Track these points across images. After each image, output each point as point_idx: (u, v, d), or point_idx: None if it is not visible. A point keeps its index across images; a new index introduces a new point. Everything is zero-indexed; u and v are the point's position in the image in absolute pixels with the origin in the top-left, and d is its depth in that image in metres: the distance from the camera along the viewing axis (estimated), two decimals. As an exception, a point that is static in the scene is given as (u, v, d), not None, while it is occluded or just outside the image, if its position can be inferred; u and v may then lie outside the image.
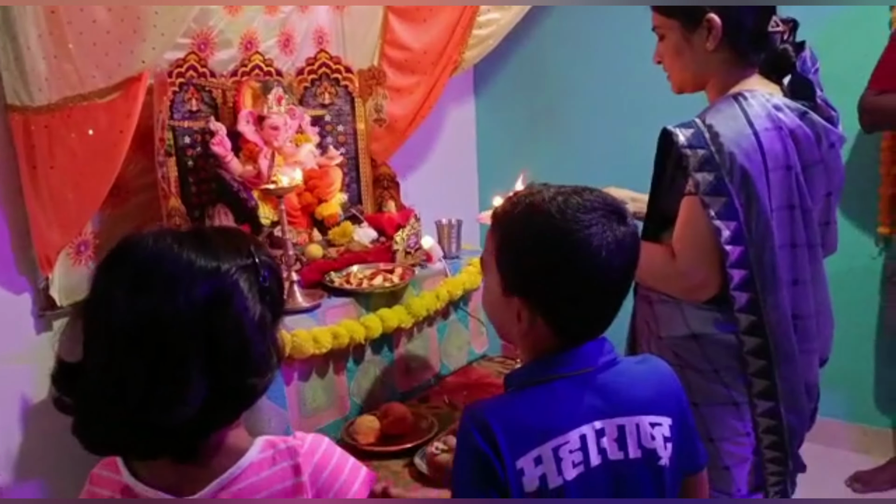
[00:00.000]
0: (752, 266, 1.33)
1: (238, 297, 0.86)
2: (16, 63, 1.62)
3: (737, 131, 1.32)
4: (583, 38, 2.79)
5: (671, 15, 1.43)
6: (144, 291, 0.83)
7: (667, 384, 1.12)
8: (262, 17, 2.16)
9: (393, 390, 2.02)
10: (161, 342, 0.82)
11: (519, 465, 0.98)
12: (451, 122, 2.94)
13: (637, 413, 1.05)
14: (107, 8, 1.63)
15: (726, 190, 1.30)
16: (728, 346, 1.40)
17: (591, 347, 1.06)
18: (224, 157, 1.96)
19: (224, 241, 0.90)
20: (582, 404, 1.03)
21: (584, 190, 1.05)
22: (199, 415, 0.84)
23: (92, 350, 0.85)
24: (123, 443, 0.87)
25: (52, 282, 1.83)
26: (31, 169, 1.70)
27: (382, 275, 2.00)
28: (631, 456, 1.04)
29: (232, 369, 0.86)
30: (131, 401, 0.82)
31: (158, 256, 0.85)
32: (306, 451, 0.96)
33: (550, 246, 1.00)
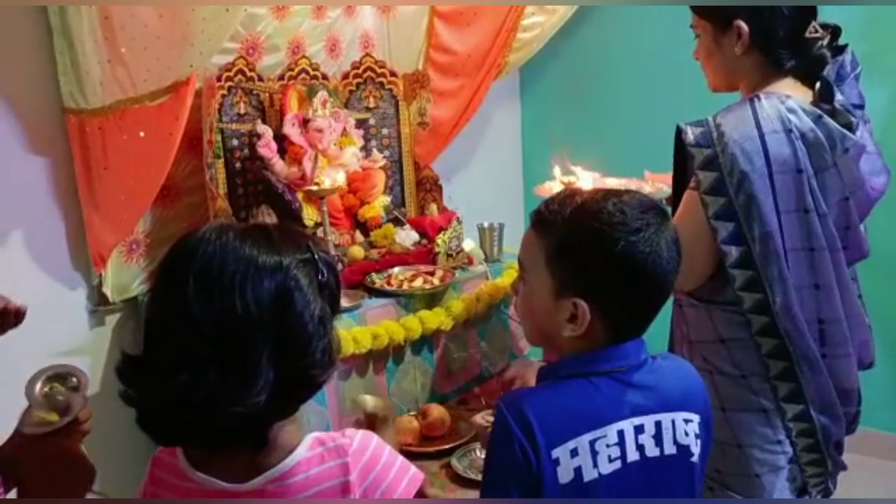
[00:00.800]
0: (756, 268, 1.33)
1: (300, 291, 0.88)
2: (72, 68, 1.70)
3: (742, 133, 1.32)
4: (628, 40, 2.77)
5: (704, 16, 1.45)
6: (213, 288, 0.85)
7: (693, 381, 1.12)
8: (310, 21, 2.19)
9: (432, 392, 2.03)
10: (230, 336, 0.85)
11: (555, 455, 0.99)
12: (496, 126, 2.95)
13: (673, 409, 1.06)
14: (157, 14, 1.69)
15: (725, 190, 1.32)
16: (754, 350, 1.39)
17: (631, 346, 1.06)
18: (270, 159, 2.00)
19: (284, 236, 0.92)
20: (621, 400, 1.03)
21: (626, 192, 1.06)
22: (265, 405, 0.86)
23: (159, 345, 0.87)
24: (192, 434, 0.89)
25: (105, 279, 1.90)
26: (86, 170, 1.76)
27: (423, 277, 2.02)
28: (666, 452, 1.04)
29: (296, 361, 0.88)
30: (202, 392, 0.84)
31: (224, 253, 0.87)
32: (355, 450, 0.96)
33: (612, 245, 1.00)
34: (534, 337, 1.13)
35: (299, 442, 0.95)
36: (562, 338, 1.04)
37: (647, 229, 1.01)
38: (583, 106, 2.96)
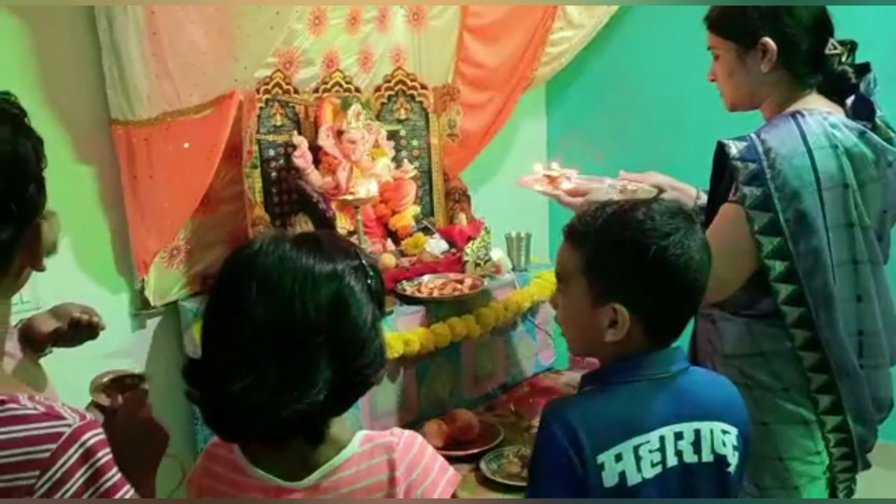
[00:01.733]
0: (801, 282, 1.34)
1: (353, 296, 0.94)
2: (120, 81, 1.77)
3: (790, 148, 1.34)
4: (655, 56, 2.80)
5: (726, 36, 1.46)
6: (274, 296, 0.91)
7: (734, 395, 1.16)
8: (344, 36, 2.26)
9: (460, 397, 2.08)
10: (291, 340, 0.90)
11: (600, 461, 1.02)
12: (522, 138, 2.99)
13: (712, 419, 1.09)
14: (204, 31, 1.76)
15: (773, 206, 1.32)
16: (795, 363, 1.40)
17: (670, 353, 1.11)
18: (305, 169, 2.07)
19: (333, 245, 0.98)
20: (663, 406, 1.07)
21: (653, 199, 1.12)
22: (323, 403, 0.92)
23: (224, 348, 0.93)
24: (255, 430, 0.94)
25: (147, 284, 1.96)
26: (132, 178, 1.84)
27: (452, 285, 2.06)
28: (704, 460, 1.08)
29: (352, 362, 0.94)
30: (266, 392, 0.90)
31: (282, 263, 0.93)
32: (402, 448, 1.01)
33: (646, 249, 1.05)
34: (578, 346, 1.18)
35: (350, 438, 1.01)
36: (604, 344, 1.08)
37: (676, 233, 1.06)
38: (608, 120, 3.00)
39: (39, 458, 0.75)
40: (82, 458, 0.77)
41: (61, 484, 0.76)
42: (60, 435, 0.77)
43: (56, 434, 0.77)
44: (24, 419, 0.77)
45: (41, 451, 0.76)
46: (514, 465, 1.77)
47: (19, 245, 0.84)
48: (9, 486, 0.75)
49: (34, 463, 0.75)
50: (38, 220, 0.86)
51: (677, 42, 2.67)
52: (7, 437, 0.76)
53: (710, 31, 1.49)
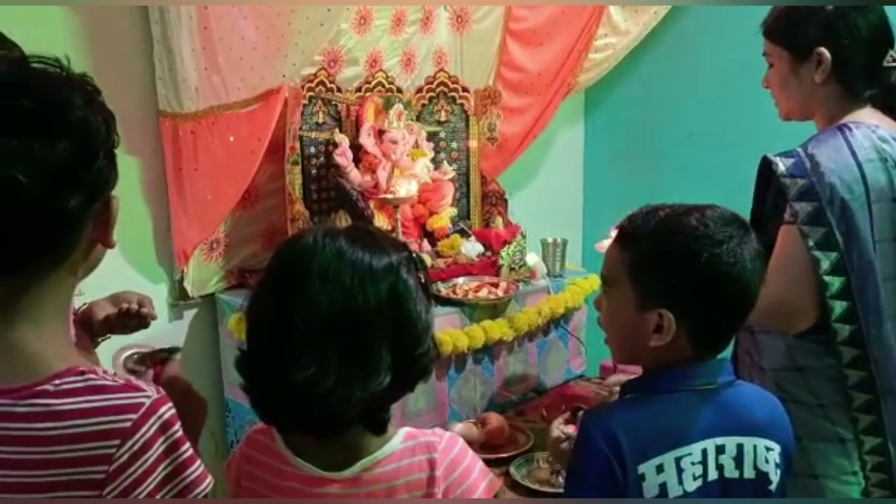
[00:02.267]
0: (854, 298, 1.31)
1: (409, 287, 0.96)
2: (170, 73, 1.80)
3: (839, 162, 1.31)
4: (694, 66, 2.78)
5: (781, 44, 1.43)
6: (335, 288, 0.92)
7: (778, 412, 1.13)
8: (388, 36, 2.27)
9: (491, 401, 2.08)
10: (353, 330, 0.91)
11: (640, 471, 1.01)
12: (559, 144, 2.98)
13: (755, 435, 1.07)
14: (255, 26, 1.78)
15: (826, 220, 1.30)
16: (835, 380, 1.38)
17: (717, 365, 1.09)
18: (345, 167, 2.08)
19: (384, 238, 1.00)
20: (706, 418, 1.05)
21: (709, 206, 1.08)
22: (385, 390, 0.93)
23: (282, 340, 0.93)
24: (319, 419, 0.95)
25: (186, 275, 1.99)
26: (177, 171, 1.86)
27: (487, 288, 2.06)
28: (745, 476, 1.06)
29: (411, 350, 0.95)
30: (330, 381, 0.90)
31: (341, 256, 0.94)
32: (443, 448, 1.01)
33: (697, 256, 1.03)
34: (621, 352, 1.15)
35: (393, 434, 1.01)
36: (647, 350, 1.07)
37: (729, 241, 1.03)
38: (646, 128, 2.98)
39: (121, 428, 0.75)
40: (160, 429, 0.78)
41: (141, 453, 0.76)
42: (141, 405, 0.77)
43: (137, 405, 0.77)
44: (104, 389, 0.78)
45: (123, 421, 0.76)
46: (544, 470, 1.77)
47: (88, 217, 0.82)
48: (90, 455, 0.75)
49: (115, 432, 0.75)
50: (109, 195, 0.85)
51: (718, 52, 2.66)
52: (90, 406, 0.76)
53: (766, 38, 1.47)
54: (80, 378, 0.78)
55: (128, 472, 0.75)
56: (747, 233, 1.06)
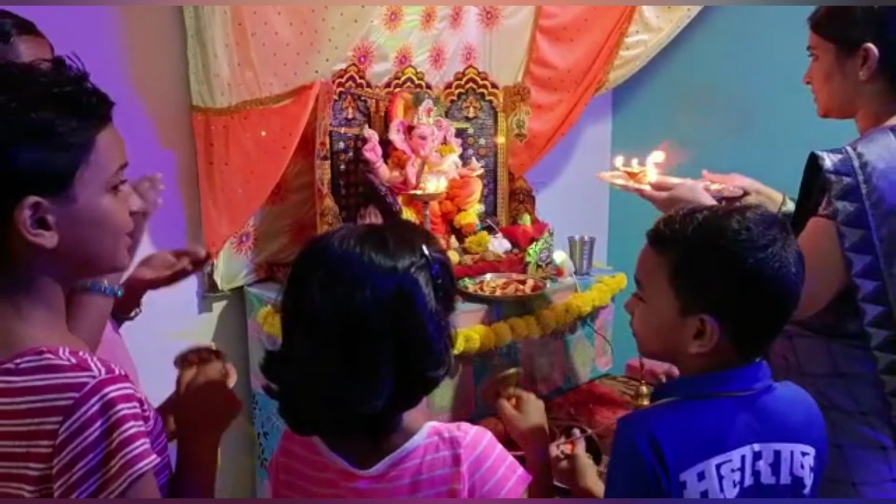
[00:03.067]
0: (891, 303, 1.29)
1: (418, 293, 0.93)
2: (203, 69, 1.81)
3: (889, 164, 1.29)
4: (724, 64, 2.75)
5: (828, 37, 1.41)
6: (335, 290, 0.91)
7: (814, 414, 1.12)
8: (417, 32, 2.27)
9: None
10: (353, 336, 0.91)
11: (682, 478, 0.99)
12: (587, 141, 2.97)
13: (792, 440, 1.06)
14: (288, 22, 1.79)
15: (867, 223, 1.28)
16: (876, 386, 1.35)
17: (755, 369, 1.07)
18: (374, 162, 2.09)
19: (399, 239, 0.96)
20: (744, 425, 1.03)
21: (748, 207, 1.06)
22: (388, 400, 0.93)
23: (294, 343, 0.95)
24: (324, 424, 0.98)
25: (216, 268, 2.01)
26: (208, 164, 1.88)
27: (515, 285, 2.06)
28: (781, 482, 1.04)
29: (415, 360, 0.93)
30: (332, 387, 0.92)
31: (345, 258, 0.93)
32: (468, 444, 1.00)
33: (741, 263, 1.01)
34: (654, 352, 1.13)
35: (419, 429, 1.01)
36: (687, 354, 1.05)
37: (774, 245, 1.01)
38: (674, 127, 2.95)
39: (63, 405, 0.80)
40: (101, 409, 0.81)
41: (80, 431, 0.80)
42: (84, 385, 0.81)
43: (80, 384, 0.81)
44: (55, 368, 0.82)
45: (65, 399, 0.80)
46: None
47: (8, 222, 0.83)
48: (38, 429, 0.80)
49: (58, 409, 0.80)
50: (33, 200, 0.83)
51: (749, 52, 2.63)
52: (38, 384, 0.82)
53: (813, 31, 1.44)
54: (37, 357, 0.83)
55: (70, 447, 0.80)
56: (789, 235, 1.04)
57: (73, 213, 0.85)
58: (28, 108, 0.82)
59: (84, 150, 0.85)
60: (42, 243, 0.84)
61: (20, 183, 0.82)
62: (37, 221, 0.84)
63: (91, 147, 0.86)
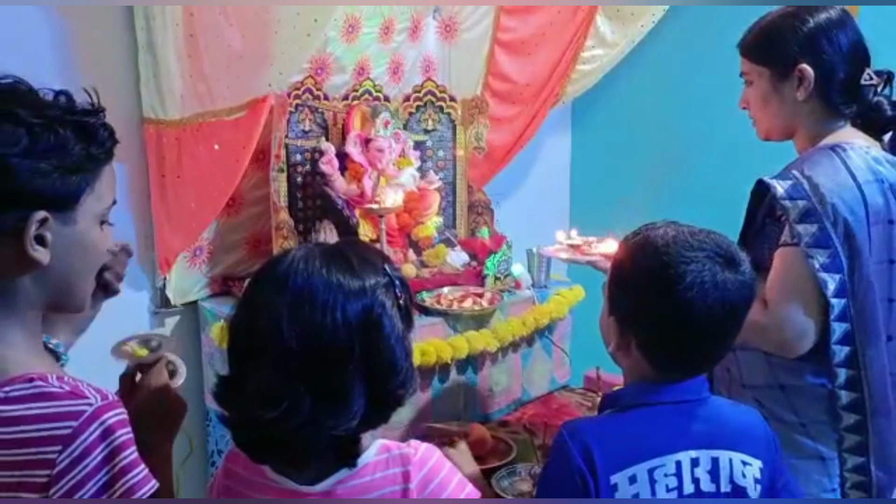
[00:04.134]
0: (853, 320, 1.31)
1: (385, 314, 0.93)
2: (154, 80, 1.79)
3: (839, 183, 1.31)
4: (683, 78, 2.79)
5: (761, 62, 1.43)
6: (304, 316, 0.90)
7: (759, 428, 1.14)
8: (376, 45, 2.27)
9: (474, 411, 2.07)
10: (323, 362, 0.89)
11: (613, 481, 1.03)
12: (546, 154, 2.99)
13: (730, 448, 1.08)
14: (241, 34, 1.77)
15: (831, 242, 1.29)
16: (819, 399, 1.38)
17: (694, 383, 1.10)
18: (331, 175, 2.07)
19: (363, 260, 0.97)
20: (680, 431, 1.07)
21: (702, 231, 1.08)
22: (357, 425, 0.93)
23: (255, 370, 0.91)
24: (290, 451, 0.95)
25: (169, 283, 1.98)
26: (160, 177, 1.85)
27: (472, 298, 2.06)
28: (722, 490, 1.07)
29: (384, 381, 0.93)
30: (299, 419, 0.89)
31: (311, 282, 0.91)
32: (418, 460, 1.00)
33: (647, 274, 1.05)
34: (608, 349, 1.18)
35: (367, 446, 1.00)
36: (618, 356, 1.11)
37: (692, 264, 1.02)
38: (633, 140, 2.99)
39: (62, 434, 0.80)
40: (101, 435, 0.81)
41: (81, 459, 0.80)
42: (82, 413, 0.81)
43: (78, 412, 0.81)
44: (50, 396, 0.81)
45: (64, 428, 0.80)
46: (526, 482, 1.76)
47: None
48: (34, 459, 0.79)
49: (57, 438, 0.79)
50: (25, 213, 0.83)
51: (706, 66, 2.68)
52: (34, 413, 0.80)
53: (744, 57, 1.46)
54: (28, 385, 0.82)
55: (69, 475, 0.79)
56: (723, 263, 1.04)
57: (69, 235, 0.87)
58: (51, 127, 0.84)
59: (91, 178, 0.88)
60: (39, 259, 0.84)
61: (35, 196, 0.83)
62: (36, 237, 0.84)
63: (97, 176, 0.89)
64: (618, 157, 3.03)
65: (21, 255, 0.84)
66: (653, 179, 2.92)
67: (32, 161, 0.82)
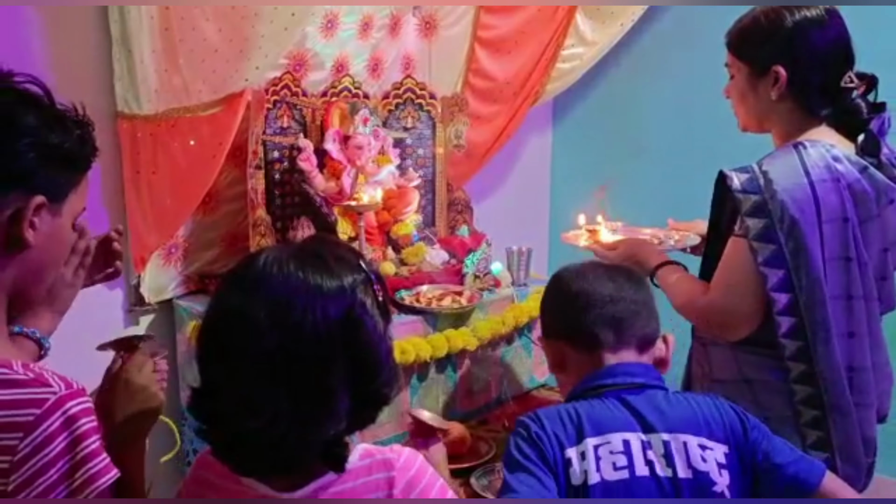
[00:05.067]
0: (801, 315, 1.34)
1: (364, 311, 0.91)
2: (129, 74, 1.76)
3: (791, 180, 1.34)
4: (662, 76, 2.81)
5: (741, 58, 1.46)
6: (283, 320, 0.87)
7: (723, 414, 1.17)
8: (355, 41, 2.25)
9: (453, 410, 2.06)
10: (305, 367, 0.87)
11: (567, 455, 1.09)
12: (527, 152, 2.99)
13: (683, 432, 1.11)
14: (217, 28, 1.75)
15: (776, 237, 1.33)
16: (781, 394, 1.40)
17: (636, 367, 1.19)
18: (310, 172, 2.05)
19: (339, 258, 0.94)
20: (627, 413, 1.14)
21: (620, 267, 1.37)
22: (344, 428, 0.91)
23: (232, 381, 0.89)
24: (274, 464, 0.92)
25: (143, 280, 1.95)
26: (135, 174, 1.82)
27: (451, 296, 2.05)
28: (680, 475, 1.09)
29: (369, 380, 0.91)
30: (284, 426, 0.87)
31: (289, 284, 0.88)
32: (401, 466, 0.98)
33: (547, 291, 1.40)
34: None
35: (351, 450, 0.98)
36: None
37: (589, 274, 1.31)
38: (613, 138, 3.00)
39: (23, 421, 0.80)
40: (64, 424, 0.81)
41: (42, 447, 0.80)
42: (45, 401, 0.81)
43: (41, 400, 0.81)
44: (13, 384, 0.82)
45: (25, 415, 0.80)
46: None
47: None
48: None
49: (18, 425, 0.80)
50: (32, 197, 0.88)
51: (686, 64, 2.70)
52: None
53: (728, 50, 1.49)
54: None
55: (30, 462, 0.80)
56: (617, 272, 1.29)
57: (54, 226, 0.92)
58: (62, 122, 0.92)
59: (79, 178, 0.95)
60: (28, 238, 0.88)
61: (40, 182, 0.89)
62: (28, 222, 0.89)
63: (82, 178, 0.96)
64: (598, 155, 3.04)
65: (9, 234, 0.87)
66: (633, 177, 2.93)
67: (45, 150, 0.88)
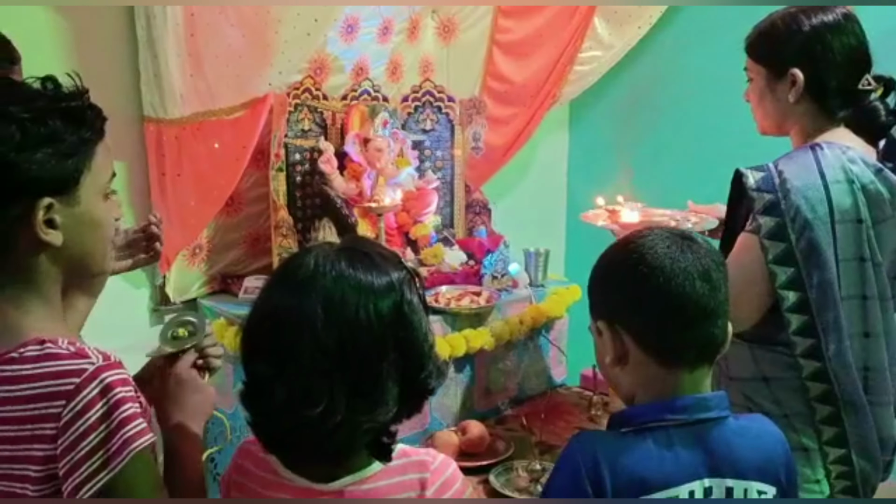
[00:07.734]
0: (812, 313, 1.34)
1: (410, 306, 0.94)
2: (155, 79, 1.80)
3: (806, 181, 1.34)
4: (679, 78, 2.81)
5: (759, 62, 1.47)
6: (339, 317, 0.90)
7: (776, 450, 1.10)
8: (374, 45, 2.28)
9: (471, 409, 2.08)
10: (359, 360, 0.90)
11: None
12: (544, 154, 3.00)
13: (746, 478, 1.04)
14: (241, 34, 1.79)
15: (787, 237, 1.33)
16: (798, 391, 1.40)
17: (711, 400, 1.06)
18: (330, 174, 2.09)
19: (382, 256, 0.97)
20: (696, 458, 1.02)
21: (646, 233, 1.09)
22: (393, 417, 0.94)
23: (288, 373, 0.91)
24: (328, 453, 0.95)
25: (168, 280, 1.98)
26: (160, 176, 1.86)
27: (470, 297, 2.07)
28: None
29: (416, 372, 0.94)
30: (338, 416, 0.90)
31: (341, 282, 0.92)
32: (436, 469, 1.00)
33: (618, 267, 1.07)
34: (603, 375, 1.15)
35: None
36: (615, 378, 1.08)
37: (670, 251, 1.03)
38: (629, 141, 3.00)
39: (66, 390, 0.87)
40: (101, 392, 0.87)
41: (82, 413, 0.86)
42: (84, 371, 0.87)
43: (80, 370, 0.87)
44: (56, 356, 0.89)
45: (67, 384, 0.87)
46: (523, 479, 1.78)
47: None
48: (42, 413, 0.87)
49: (61, 394, 0.87)
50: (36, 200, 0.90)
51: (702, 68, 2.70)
52: (42, 371, 0.88)
53: (747, 54, 1.50)
54: (39, 347, 0.90)
55: (73, 427, 0.87)
56: (683, 238, 1.05)
57: (77, 214, 0.94)
58: (41, 119, 0.90)
59: (86, 158, 0.94)
60: (51, 241, 0.92)
61: (37, 185, 0.90)
62: (45, 221, 0.91)
63: (92, 156, 0.94)
64: (614, 157, 3.05)
65: (35, 239, 0.91)
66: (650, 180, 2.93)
67: (28, 153, 0.89)
